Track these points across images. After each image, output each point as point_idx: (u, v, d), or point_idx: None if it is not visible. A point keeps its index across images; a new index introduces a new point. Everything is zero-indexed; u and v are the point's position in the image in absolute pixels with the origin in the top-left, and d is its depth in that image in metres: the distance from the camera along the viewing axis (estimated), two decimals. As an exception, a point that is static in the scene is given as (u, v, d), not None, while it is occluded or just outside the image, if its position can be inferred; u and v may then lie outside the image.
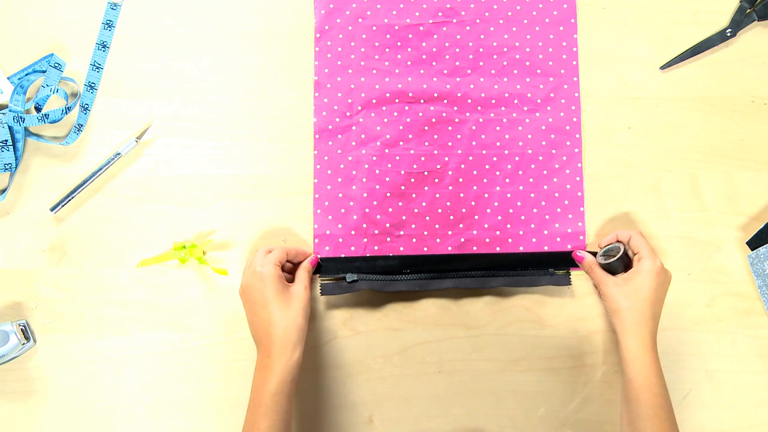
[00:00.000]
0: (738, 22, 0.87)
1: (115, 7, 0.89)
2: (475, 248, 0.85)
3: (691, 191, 0.86)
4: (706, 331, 0.84)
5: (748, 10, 0.87)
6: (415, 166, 0.86)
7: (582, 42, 0.88)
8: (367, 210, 0.85)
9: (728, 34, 0.87)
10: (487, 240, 0.85)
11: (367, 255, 0.84)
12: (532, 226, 0.85)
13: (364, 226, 0.85)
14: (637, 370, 0.74)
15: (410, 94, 0.87)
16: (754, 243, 0.84)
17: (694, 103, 0.88)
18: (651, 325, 0.76)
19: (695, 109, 0.87)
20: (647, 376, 0.73)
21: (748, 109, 0.87)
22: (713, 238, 0.86)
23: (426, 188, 0.86)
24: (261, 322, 0.76)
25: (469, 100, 0.87)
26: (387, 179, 0.86)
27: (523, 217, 0.85)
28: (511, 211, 0.86)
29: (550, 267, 0.84)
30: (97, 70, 0.88)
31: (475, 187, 0.86)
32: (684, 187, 0.86)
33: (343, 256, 0.84)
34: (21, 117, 0.84)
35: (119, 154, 0.86)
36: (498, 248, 0.85)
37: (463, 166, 0.86)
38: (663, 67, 0.88)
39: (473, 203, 0.86)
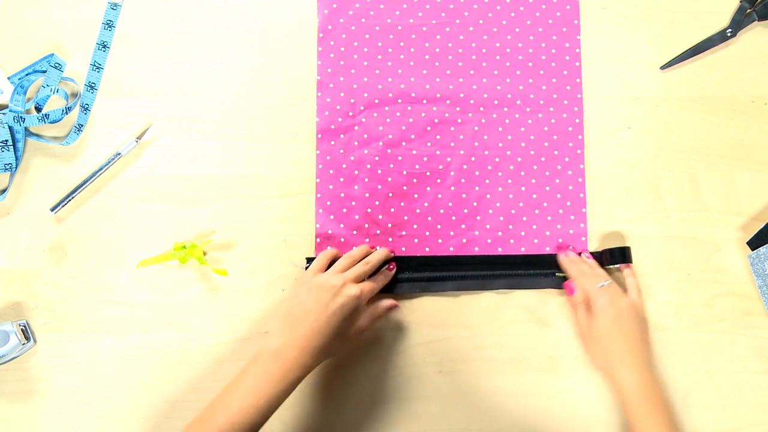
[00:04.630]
0: (738, 22, 0.87)
1: (115, 7, 0.89)
2: (476, 249, 0.85)
3: (691, 191, 0.86)
4: (706, 331, 0.84)
5: (748, 10, 0.88)
6: (417, 167, 0.86)
7: (582, 42, 0.88)
8: (369, 210, 0.85)
9: (728, 34, 0.87)
10: (489, 241, 0.85)
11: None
12: (534, 227, 0.85)
13: (366, 226, 0.85)
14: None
15: (413, 95, 0.87)
16: (754, 243, 0.84)
17: (694, 103, 0.88)
18: (629, 360, 0.77)
19: (695, 109, 0.88)
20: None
21: (748, 109, 0.87)
22: (713, 238, 0.86)
23: (428, 189, 0.86)
24: (312, 324, 0.74)
25: (472, 101, 0.87)
26: (389, 179, 0.86)
27: (524, 218, 0.85)
28: (513, 212, 0.86)
29: (552, 269, 0.84)
30: (97, 70, 0.87)
31: (477, 188, 0.86)
32: (684, 187, 0.86)
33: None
34: (21, 117, 0.83)
35: (119, 154, 0.86)
36: (499, 249, 0.85)
37: (465, 166, 0.86)
38: (663, 67, 0.88)
39: (475, 204, 0.86)
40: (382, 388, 0.84)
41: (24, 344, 0.82)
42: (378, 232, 0.85)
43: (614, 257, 0.83)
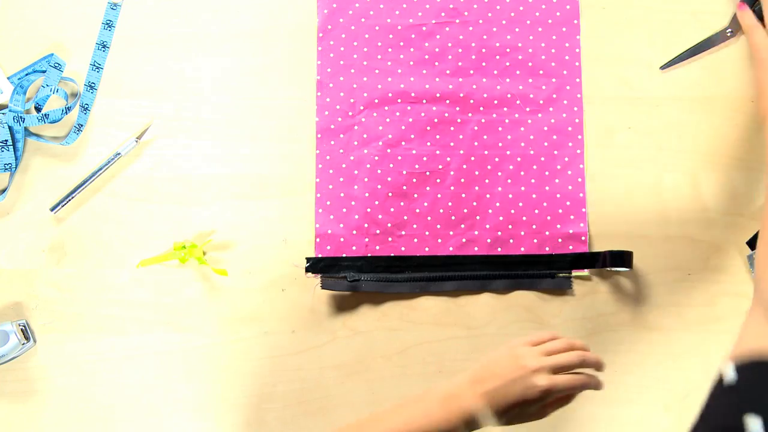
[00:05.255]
0: (738, 22, 0.87)
1: (115, 7, 0.89)
2: (476, 249, 0.85)
3: (691, 191, 0.86)
4: (706, 331, 0.84)
5: (748, 11, 0.87)
6: (416, 166, 0.86)
7: (582, 42, 0.88)
8: (368, 210, 0.85)
9: (728, 34, 0.87)
10: (489, 241, 0.85)
11: (369, 255, 0.84)
12: (534, 227, 0.85)
13: (366, 225, 0.85)
14: None
15: (412, 94, 0.87)
16: (753, 243, 0.84)
17: (694, 103, 0.88)
18: None
19: (695, 109, 0.87)
20: None
21: (748, 109, 0.87)
22: (713, 238, 0.86)
23: (428, 188, 0.86)
24: (490, 390, 0.67)
25: (472, 101, 0.87)
26: (389, 179, 0.86)
27: (524, 218, 0.85)
28: (512, 212, 0.86)
29: (552, 269, 0.84)
30: (97, 70, 0.88)
31: (476, 188, 0.86)
32: (684, 187, 0.86)
33: (344, 255, 0.84)
34: (21, 117, 0.83)
35: (119, 154, 0.86)
36: (499, 249, 0.85)
37: (465, 166, 0.86)
38: (663, 67, 0.88)
39: (475, 204, 0.86)
40: (382, 389, 0.84)
41: (24, 344, 0.82)
42: (378, 231, 0.85)
43: (614, 260, 0.83)
